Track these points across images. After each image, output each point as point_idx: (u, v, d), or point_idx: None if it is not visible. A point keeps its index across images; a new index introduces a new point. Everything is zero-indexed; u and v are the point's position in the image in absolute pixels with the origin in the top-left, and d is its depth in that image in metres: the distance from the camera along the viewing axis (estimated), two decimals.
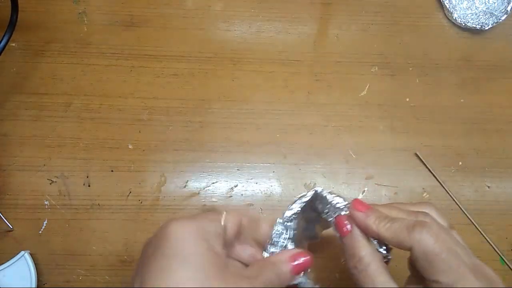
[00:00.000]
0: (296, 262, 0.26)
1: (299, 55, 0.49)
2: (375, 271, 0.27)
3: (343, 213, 0.29)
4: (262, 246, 0.29)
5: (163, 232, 0.24)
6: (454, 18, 0.51)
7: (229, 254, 0.28)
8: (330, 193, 0.30)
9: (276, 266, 0.26)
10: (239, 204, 0.43)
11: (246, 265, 0.28)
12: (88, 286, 0.40)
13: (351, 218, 0.29)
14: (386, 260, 0.30)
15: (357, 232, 0.28)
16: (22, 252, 0.38)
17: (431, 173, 0.46)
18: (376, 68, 0.50)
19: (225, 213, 0.26)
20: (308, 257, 0.27)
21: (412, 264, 0.27)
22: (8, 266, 0.38)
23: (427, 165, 0.46)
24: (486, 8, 0.51)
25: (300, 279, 0.27)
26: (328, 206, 0.30)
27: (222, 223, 0.26)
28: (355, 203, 0.29)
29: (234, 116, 0.46)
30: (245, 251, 0.29)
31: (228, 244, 0.26)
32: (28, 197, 0.42)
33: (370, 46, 0.50)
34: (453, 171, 0.46)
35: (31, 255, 0.39)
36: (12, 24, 0.40)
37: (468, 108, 0.49)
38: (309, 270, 0.27)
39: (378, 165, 0.46)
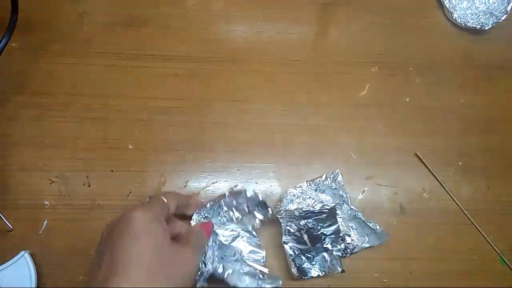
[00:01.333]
0: (203, 227, 0.38)
1: (299, 55, 0.49)
2: None
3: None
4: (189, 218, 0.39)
5: (126, 219, 0.31)
6: (454, 18, 0.51)
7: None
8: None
9: (195, 232, 0.37)
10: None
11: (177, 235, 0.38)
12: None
13: None
14: None
15: None
16: (22, 252, 0.38)
17: (431, 173, 0.46)
18: (376, 68, 0.50)
19: (164, 198, 0.36)
20: (209, 222, 0.39)
21: None
22: (8, 266, 0.38)
23: (427, 165, 0.46)
24: (486, 8, 0.51)
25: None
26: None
27: (166, 201, 0.36)
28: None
29: (234, 116, 0.46)
30: (176, 225, 0.38)
31: (167, 220, 0.35)
32: (28, 197, 0.42)
33: (370, 46, 0.50)
34: (453, 171, 0.46)
35: (31, 255, 0.39)
36: (12, 24, 0.40)
37: (468, 108, 0.49)
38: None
39: (378, 165, 0.46)
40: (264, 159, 0.45)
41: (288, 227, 0.40)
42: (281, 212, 0.41)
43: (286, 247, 0.40)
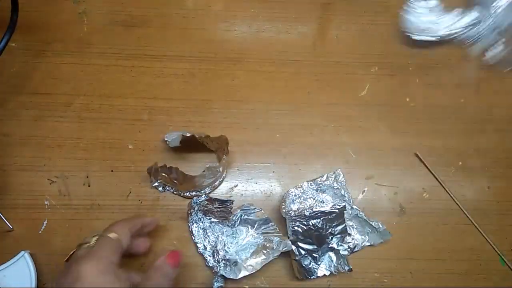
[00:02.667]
0: (171, 258, 0.33)
1: (299, 55, 0.49)
2: None
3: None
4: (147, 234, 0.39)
5: (75, 277, 0.28)
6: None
7: (129, 250, 0.36)
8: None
9: (159, 268, 0.33)
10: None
11: (143, 253, 0.39)
12: None
13: None
14: None
15: None
16: (22, 252, 0.38)
17: (431, 173, 0.46)
18: (376, 68, 0.50)
19: (113, 234, 0.32)
20: (177, 251, 0.34)
21: None
22: (8, 266, 0.38)
23: (427, 165, 0.46)
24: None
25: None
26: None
27: (116, 237, 0.32)
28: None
29: (234, 116, 0.46)
30: (138, 243, 0.38)
31: (126, 248, 0.33)
32: (28, 197, 0.42)
33: (370, 46, 0.50)
34: (453, 171, 0.46)
35: (31, 255, 0.39)
36: (12, 24, 0.40)
37: (468, 108, 0.49)
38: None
39: (378, 165, 0.46)
40: (264, 159, 0.45)
41: (296, 227, 0.40)
42: (290, 212, 0.40)
43: (293, 247, 0.40)
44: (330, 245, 0.40)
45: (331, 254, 0.41)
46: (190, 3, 0.51)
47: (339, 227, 0.41)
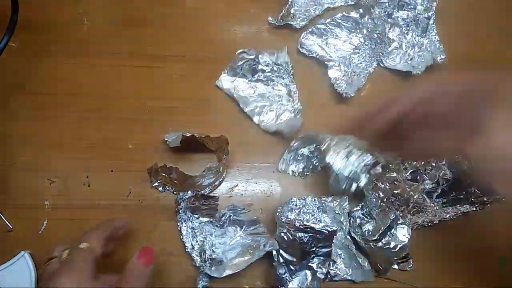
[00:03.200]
0: (141, 258, 0.32)
1: None
2: None
3: None
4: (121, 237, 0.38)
5: None
6: None
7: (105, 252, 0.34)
8: None
9: (132, 270, 0.32)
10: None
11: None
12: None
13: None
14: None
15: None
16: (22, 252, 0.38)
17: None
18: (376, 68, 0.50)
19: (85, 244, 0.32)
20: (147, 247, 0.33)
21: None
22: (8, 266, 0.38)
23: None
24: None
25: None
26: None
27: (88, 246, 0.32)
28: None
29: (234, 116, 0.46)
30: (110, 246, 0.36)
31: (102, 254, 0.33)
32: (28, 197, 0.42)
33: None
34: None
35: (31, 255, 0.39)
36: (12, 24, 0.40)
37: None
38: None
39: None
40: (264, 159, 0.45)
41: (282, 234, 0.40)
42: (281, 218, 0.40)
43: (274, 252, 0.39)
44: (310, 264, 0.39)
45: (308, 272, 0.39)
46: (190, 3, 0.51)
47: (324, 250, 0.40)
